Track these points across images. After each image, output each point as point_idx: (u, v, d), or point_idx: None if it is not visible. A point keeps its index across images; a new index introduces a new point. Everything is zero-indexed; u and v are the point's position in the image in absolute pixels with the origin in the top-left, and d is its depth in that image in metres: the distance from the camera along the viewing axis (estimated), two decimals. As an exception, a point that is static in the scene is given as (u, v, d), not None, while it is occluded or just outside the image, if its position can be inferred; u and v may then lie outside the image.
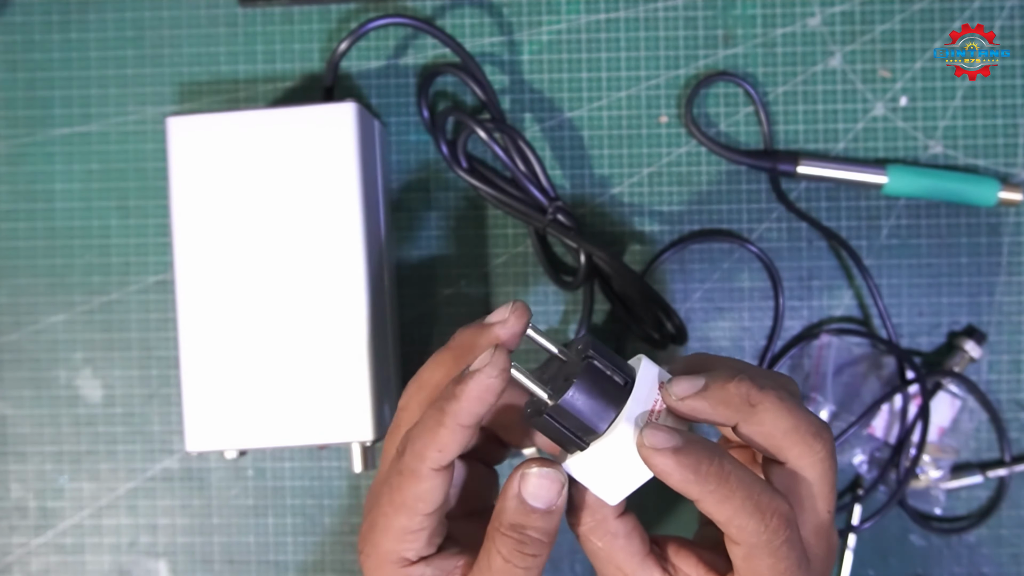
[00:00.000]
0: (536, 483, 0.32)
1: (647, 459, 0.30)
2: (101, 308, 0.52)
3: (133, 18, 0.52)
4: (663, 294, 0.49)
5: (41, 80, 0.52)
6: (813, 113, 0.50)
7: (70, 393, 0.52)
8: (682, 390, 0.31)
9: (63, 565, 0.52)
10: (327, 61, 0.48)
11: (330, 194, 0.44)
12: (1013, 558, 0.50)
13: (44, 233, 0.52)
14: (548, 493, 0.32)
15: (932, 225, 0.50)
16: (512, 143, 0.48)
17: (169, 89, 0.51)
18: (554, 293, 0.51)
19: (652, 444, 0.30)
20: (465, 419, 0.31)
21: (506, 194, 0.48)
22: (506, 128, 0.48)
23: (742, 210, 0.51)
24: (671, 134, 0.51)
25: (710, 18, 0.51)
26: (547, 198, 0.48)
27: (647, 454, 0.30)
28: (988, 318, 0.50)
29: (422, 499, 0.32)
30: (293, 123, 0.44)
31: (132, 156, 0.51)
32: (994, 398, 0.50)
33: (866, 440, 0.50)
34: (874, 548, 0.51)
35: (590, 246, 0.46)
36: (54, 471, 0.52)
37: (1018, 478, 0.50)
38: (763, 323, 0.51)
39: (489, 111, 0.49)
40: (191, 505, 0.52)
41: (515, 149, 0.48)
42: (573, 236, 0.47)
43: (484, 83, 0.49)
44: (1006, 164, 0.50)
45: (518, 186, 0.48)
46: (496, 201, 0.48)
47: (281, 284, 0.44)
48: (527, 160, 0.48)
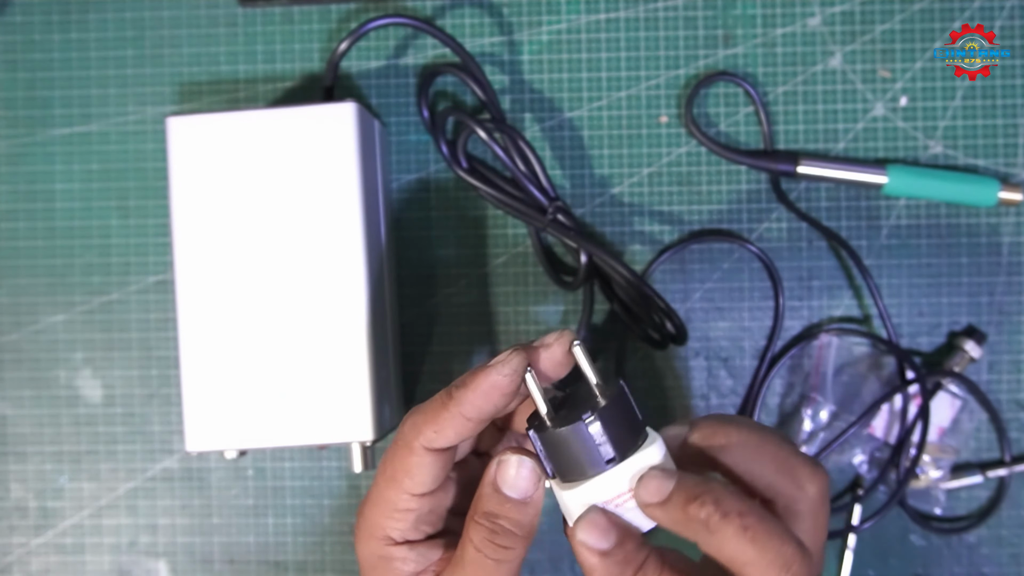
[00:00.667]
0: (513, 472, 0.31)
1: (644, 509, 0.31)
2: (101, 308, 0.52)
3: (133, 18, 0.52)
4: (663, 294, 0.49)
5: (41, 80, 0.52)
6: (813, 113, 0.50)
7: (70, 393, 0.52)
8: (647, 495, 0.31)
9: (63, 565, 0.52)
10: (327, 61, 0.48)
11: (330, 194, 0.44)
12: (1013, 558, 0.50)
13: (44, 233, 0.52)
14: (524, 483, 0.31)
15: (932, 225, 0.50)
16: (512, 143, 0.48)
17: (169, 89, 0.51)
18: (554, 293, 0.51)
19: (644, 499, 0.30)
20: (468, 410, 0.31)
21: (506, 194, 0.48)
22: (506, 128, 0.48)
23: (742, 210, 0.51)
24: (671, 134, 0.51)
25: (710, 18, 0.51)
26: (547, 198, 0.48)
27: (641, 504, 0.30)
28: (988, 318, 0.50)
29: (409, 474, 0.32)
30: (293, 123, 0.44)
31: (132, 156, 0.51)
32: (994, 398, 0.50)
33: (866, 440, 0.50)
34: (874, 548, 0.51)
35: (590, 246, 0.46)
36: (54, 471, 0.52)
37: (1018, 478, 0.50)
38: (763, 323, 0.51)
39: (489, 111, 0.49)
40: (191, 505, 0.52)
41: (515, 149, 0.48)
42: (573, 236, 0.47)
43: (484, 83, 0.49)
44: (1006, 164, 0.50)
45: (518, 186, 0.48)
46: (496, 201, 0.48)
47: (281, 284, 0.44)
48: (527, 160, 0.48)
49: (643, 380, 0.51)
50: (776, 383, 0.51)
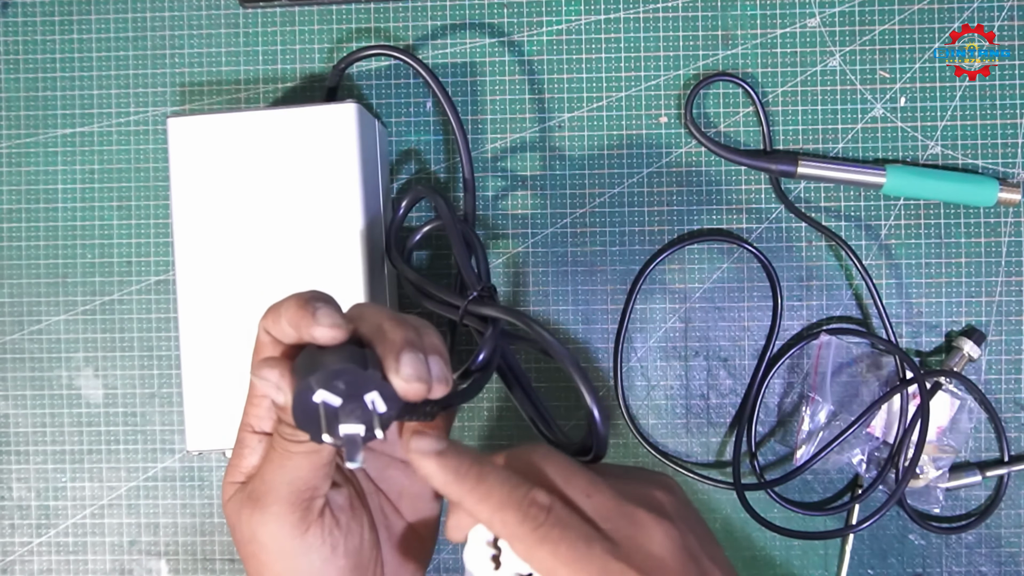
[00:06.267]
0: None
1: (413, 462, 0.32)
2: (102, 308, 0.52)
3: (134, 18, 0.52)
4: (663, 294, 0.49)
5: (43, 80, 0.52)
6: (812, 113, 0.51)
7: (71, 392, 0.52)
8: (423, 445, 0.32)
9: (64, 564, 0.52)
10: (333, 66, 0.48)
11: (331, 194, 0.44)
12: (1011, 557, 0.51)
13: (46, 233, 0.52)
14: None
15: (932, 225, 0.51)
16: None
17: (170, 90, 0.52)
18: (554, 292, 0.51)
19: (418, 448, 0.32)
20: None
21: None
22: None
23: (742, 210, 0.51)
24: (671, 134, 0.51)
25: (710, 18, 0.51)
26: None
27: (413, 457, 0.32)
28: (987, 318, 0.50)
29: (258, 355, 0.34)
30: (294, 123, 0.44)
31: (133, 156, 0.52)
32: (993, 398, 0.50)
33: (865, 440, 0.50)
34: (873, 547, 0.51)
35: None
36: (56, 470, 0.52)
37: (1017, 477, 0.50)
38: (763, 323, 0.51)
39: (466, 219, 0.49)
40: (192, 504, 0.52)
41: None
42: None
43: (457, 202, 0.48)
44: (1005, 164, 0.50)
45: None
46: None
47: (281, 284, 0.44)
48: None
49: (641, 379, 0.51)
50: (775, 383, 0.51)
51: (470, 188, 0.49)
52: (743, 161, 0.50)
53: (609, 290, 0.51)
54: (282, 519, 0.34)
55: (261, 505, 0.34)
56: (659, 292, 0.51)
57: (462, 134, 0.49)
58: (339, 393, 0.30)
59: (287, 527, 0.34)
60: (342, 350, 0.31)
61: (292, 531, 0.34)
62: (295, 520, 0.34)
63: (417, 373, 0.31)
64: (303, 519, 0.34)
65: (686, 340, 0.51)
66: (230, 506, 0.35)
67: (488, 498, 0.31)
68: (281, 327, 0.33)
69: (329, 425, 0.30)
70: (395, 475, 0.39)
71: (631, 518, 0.31)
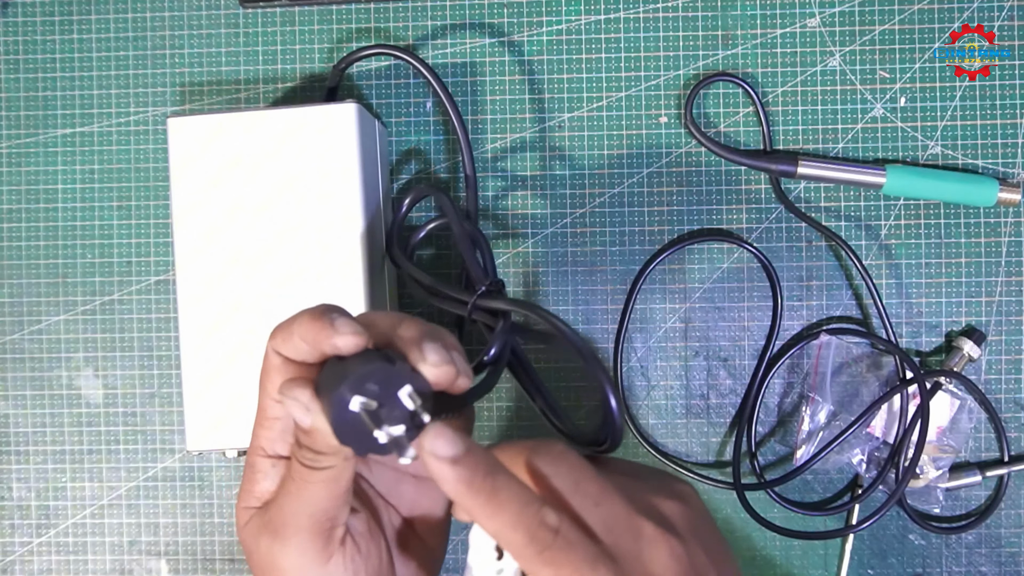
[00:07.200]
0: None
1: (426, 461, 0.29)
2: (102, 308, 0.52)
3: (134, 18, 0.52)
4: (663, 294, 0.49)
5: (43, 80, 0.52)
6: (812, 113, 0.51)
7: (71, 392, 0.52)
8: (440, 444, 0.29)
9: (64, 564, 0.52)
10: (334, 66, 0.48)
11: (331, 194, 0.44)
12: (1011, 557, 0.51)
13: (46, 233, 0.52)
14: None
15: (932, 225, 0.51)
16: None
17: (170, 89, 0.52)
18: (553, 291, 0.51)
19: (432, 450, 0.29)
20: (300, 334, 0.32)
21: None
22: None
23: (742, 210, 0.51)
24: (671, 134, 0.51)
25: (710, 18, 0.51)
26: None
27: (427, 458, 0.29)
28: (987, 318, 0.50)
29: (269, 378, 0.33)
30: (294, 123, 0.44)
31: (133, 156, 0.52)
32: (993, 398, 0.50)
33: (865, 440, 0.50)
34: (873, 547, 0.51)
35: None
36: (56, 470, 0.52)
37: (1017, 477, 0.50)
38: (763, 323, 0.51)
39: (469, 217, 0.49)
40: (192, 504, 0.52)
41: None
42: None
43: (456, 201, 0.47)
44: (1005, 164, 0.50)
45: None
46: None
47: (281, 284, 0.44)
48: None
49: (641, 379, 0.51)
50: (775, 383, 0.51)
51: (472, 184, 0.49)
52: (743, 161, 0.50)
53: (609, 290, 0.51)
54: (303, 549, 0.33)
55: (281, 537, 0.33)
56: (659, 292, 0.51)
57: (463, 129, 0.49)
58: (374, 396, 0.29)
59: (309, 557, 0.33)
60: (364, 356, 0.31)
61: (314, 561, 0.33)
62: (317, 549, 0.33)
63: (442, 357, 0.31)
64: (325, 548, 0.33)
65: (686, 340, 0.51)
66: (246, 532, 0.35)
67: (498, 515, 0.30)
68: (294, 344, 0.32)
69: (373, 430, 0.29)
70: (406, 490, 0.39)
71: (638, 532, 0.31)
